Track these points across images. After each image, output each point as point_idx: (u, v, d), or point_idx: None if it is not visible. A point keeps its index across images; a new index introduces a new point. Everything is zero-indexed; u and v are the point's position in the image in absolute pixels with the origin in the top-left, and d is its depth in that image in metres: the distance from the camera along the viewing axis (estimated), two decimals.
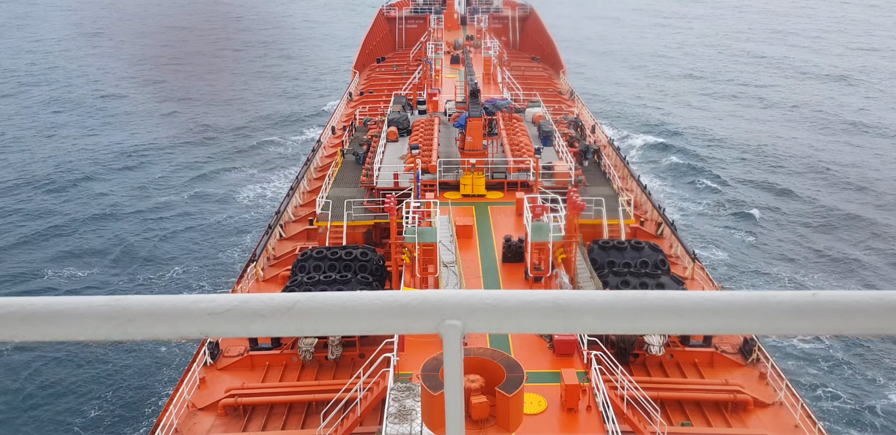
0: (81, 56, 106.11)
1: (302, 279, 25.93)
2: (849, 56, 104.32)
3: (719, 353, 24.77)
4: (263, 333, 1.65)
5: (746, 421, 22.09)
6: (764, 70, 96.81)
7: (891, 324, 1.61)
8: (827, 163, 60.75)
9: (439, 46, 62.35)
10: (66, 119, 73.75)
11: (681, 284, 25.92)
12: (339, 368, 24.66)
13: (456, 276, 27.48)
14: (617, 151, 44.21)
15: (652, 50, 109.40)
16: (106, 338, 1.62)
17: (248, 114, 75.83)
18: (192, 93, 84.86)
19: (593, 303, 1.65)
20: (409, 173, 34.36)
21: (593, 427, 19.89)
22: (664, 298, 1.65)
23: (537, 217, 26.74)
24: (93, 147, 64.83)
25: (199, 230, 48.06)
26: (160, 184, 56.41)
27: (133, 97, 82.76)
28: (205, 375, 23.85)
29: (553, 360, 22.78)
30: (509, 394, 16.62)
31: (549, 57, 69.08)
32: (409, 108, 46.72)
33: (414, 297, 1.67)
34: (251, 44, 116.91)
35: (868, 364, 33.82)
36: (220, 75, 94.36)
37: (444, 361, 1.72)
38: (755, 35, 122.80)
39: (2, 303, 1.62)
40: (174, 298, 1.65)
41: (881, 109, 77.23)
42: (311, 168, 42.85)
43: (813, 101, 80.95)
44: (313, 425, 21.10)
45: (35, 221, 49.15)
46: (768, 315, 1.63)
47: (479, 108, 36.72)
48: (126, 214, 50.55)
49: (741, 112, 77.35)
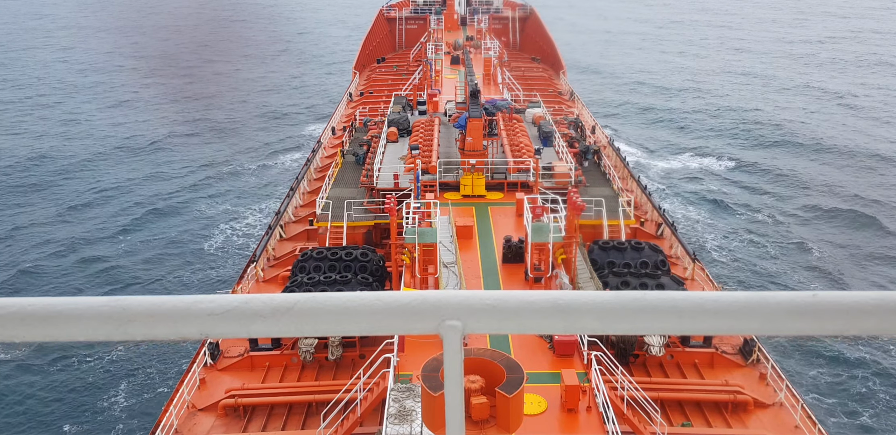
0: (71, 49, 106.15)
1: (302, 280, 25.93)
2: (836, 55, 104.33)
3: (719, 353, 24.76)
4: (263, 334, 1.65)
5: (746, 421, 22.09)
6: (770, 67, 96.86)
7: (891, 324, 1.61)
8: (828, 163, 60.76)
9: (439, 47, 62.34)
10: (62, 116, 73.81)
11: (681, 285, 25.91)
12: (339, 368, 24.65)
13: (456, 276, 27.48)
14: (617, 152, 44.21)
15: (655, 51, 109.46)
16: (106, 338, 1.62)
17: (247, 113, 75.83)
18: (193, 93, 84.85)
19: (593, 303, 1.65)
20: (410, 174, 34.37)
21: (593, 428, 19.88)
22: (664, 298, 1.65)
23: (537, 218, 26.74)
24: (93, 146, 64.81)
25: (200, 230, 48.04)
26: (160, 184, 56.37)
27: (133, 96, 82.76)
28: (205, 376, 23.85)
29: (553, 360, 22.77)
30: (509, 394, 16.62)
31: (550, 57, 69.08)
32: (409, 109, 46.73)
33: (414, 297, 1.67)
34: (252, 44, 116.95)
35: (868, 364, 33.80)
36: (219, 75, 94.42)
37: (445, 362, 1.72)
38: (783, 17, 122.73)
39: (2, 303, 1.62)
40: (174, 299, 1.65)
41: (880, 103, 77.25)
42: (312, 168, 42.86)
43: (817, 96, 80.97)
44: (313, 426, 21.10)
45: (35, 222, 49.13)
46: (768, 315, 1.63)
47: (479, 109, 36.73)
48: (126, 214, 50.52)
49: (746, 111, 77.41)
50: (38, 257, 44.04)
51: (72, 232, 47.53)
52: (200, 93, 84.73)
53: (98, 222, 49.26)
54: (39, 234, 47.35)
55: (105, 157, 62.56)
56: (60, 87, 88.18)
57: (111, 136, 68.30)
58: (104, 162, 61.30)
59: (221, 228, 48.48)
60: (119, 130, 70.31)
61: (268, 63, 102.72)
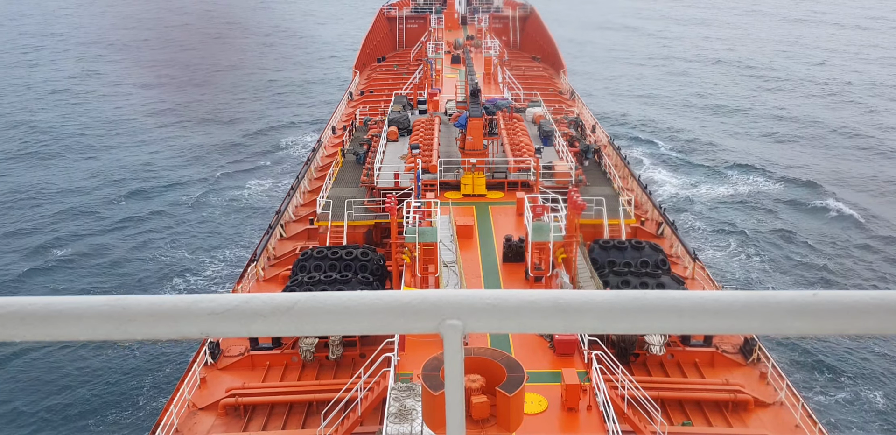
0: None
1: (302, 279, 25.94)
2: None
3: (720, 352, 24.77)
4: (264, 333, 1.65)
5: (747, 421, 22.09)
6: (764, 72, 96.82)
7: (891, 324, 1.61)
8: (830, 162, 60.74)
9: (440, 46, 62.32)
10: (59, 116, 73.84)
11: (681, 284, 25.92)
12: (339, 367, 24.66)
13: (456, 275, 27.48)
14: (617, 151, 44.20)
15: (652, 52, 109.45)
16: (106, 338, 1.62)
17: (247, 114, 75.83)
18: (192, 92, 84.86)
19: (593, 303, 1.65)
20: (410, 173, 34.37)
21: (594, 427, 19.88)
22: (664, 297, 1.65)
23: (538, 217, 26.74)
24: (92, 146, 64.84)
25: (199, 230, 48.05)
26: (160, 184, 56.36)
27: (133, 97, 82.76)
28: (205, 375, 23.86)
29: (553, 359, 22.77)
30: (510, 394, 16.63)
31: (550, 57, 69.07)
32: (409, 108, 46.73)
33: (414, 296, 1.67)
34: (251, 44, 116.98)
35: (869, 364, 33.80)
36: (218, 75, 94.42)
37: (445, 361, 1.72)
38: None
39: (2, 303, 1.62)
40: (174, 298, 1.65)
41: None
42: (312, 168, 42.87)
43: (820, 100, 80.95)
44: (314, 425, 21.11)
45: (33, 222, 49.15)
46: (768, 315, 1.63)
47: (479, 108, 36.73)
48: (125, 215, 50.53)
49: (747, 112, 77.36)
50: (38, 257, 44.05)
51: (71, 232, 47.54)
52: (198, 95, 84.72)
53: (98, 223, 49.26)
54: (40, 233, 47.36)
55: (105, 154, 62.58)
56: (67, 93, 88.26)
57: (107, 133, 68.35)
58: (105, 159, 61.29)
59: (222, 227, 48.47)
60: (114, 116, 70.33)
61: (268, 63, 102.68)
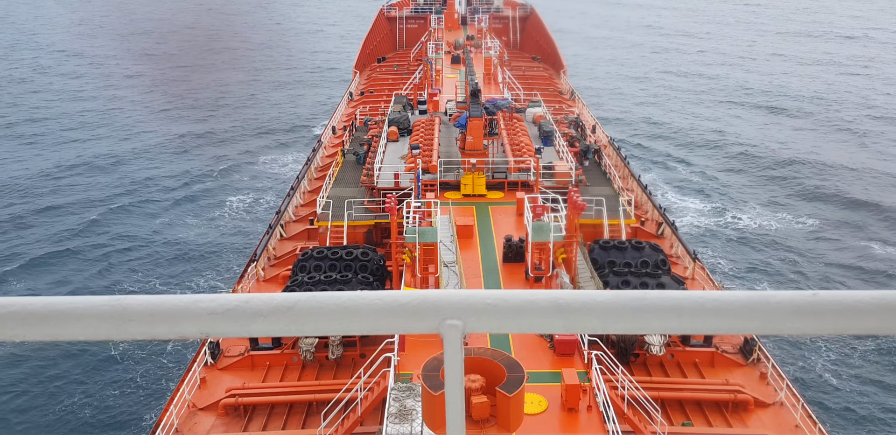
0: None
1: (302, 279, 25.93)
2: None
3: (720, 353, 24.76)
4: (264, 333, 1.65)
5: (747, 421, 22.09)
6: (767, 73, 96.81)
7: (891, 324, 1.61)
8: (831, 162, 60.71)
9: (440, 46, 62.33)
10: (59, 116, 73.83)
11: (681, 284, 25.92)
12: (339, 367, 24.66)
13: (456, 275, 27.47)
14: (617, 151, 44.21)
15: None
16: (106, 338, 1.62)
17: (247, 114, 75.83)
18: (192, 92, 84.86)
19: (594, 303, 1.65)
20: (410, 173, 34.36)
21: (594, 427, 19.87)
22: (664, 297, 1.65)
23: (538, 217, 26.74)
24: (91, 145, 64.82)
25: (199, 230, 48.05)
26: (159, 183, 56.37)
27: (133, 96, 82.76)
28: (205, 375, 23.86)
29: (553, 360, 22.77)
30: (510, 394, 16.63)
31: (550, 57, 69.09)
32: (409, 108, 46.72)
33: (414, 296, 1.67)
34: (251, 44, 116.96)
35: (869, 364, 33.80)
36: (219, 74, 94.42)
37: (445, 361, 1.72)
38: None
39: (2, 303, 1.62)
40: (174, 298, 1.65)
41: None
42: (312, 168, 42.87)
43: (822, 102, 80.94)
44: (314, 425, 21.10)
45: (33, 222, 49.14)
46: (768, 315, 1.63)
47: (479, 108, 36.72)
48: (125, 215, 50.52)
49: (749, 114, 77.36)
50: (36, 257, 44.05)
51: (70, 231, 47.54)
52: (198, 94, 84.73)
53: (97, 221, 49.25)
54: (38, 233, 47.35)
55: (106, 155, 62.56)
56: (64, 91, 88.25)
57: (110, 136, 68.34)
58: (105, 161, 61.28)
59: (221, 228, 48.48)
60: (114, 124, 70.31)
61: (268, 63, 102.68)
